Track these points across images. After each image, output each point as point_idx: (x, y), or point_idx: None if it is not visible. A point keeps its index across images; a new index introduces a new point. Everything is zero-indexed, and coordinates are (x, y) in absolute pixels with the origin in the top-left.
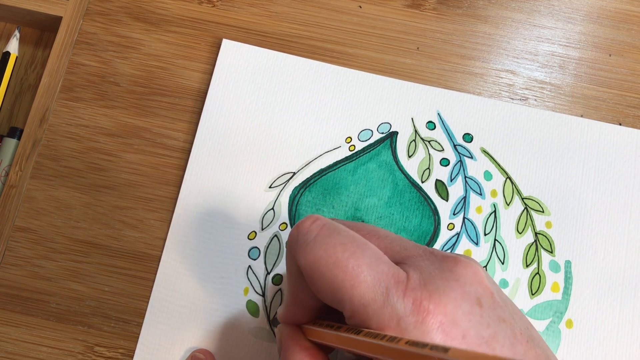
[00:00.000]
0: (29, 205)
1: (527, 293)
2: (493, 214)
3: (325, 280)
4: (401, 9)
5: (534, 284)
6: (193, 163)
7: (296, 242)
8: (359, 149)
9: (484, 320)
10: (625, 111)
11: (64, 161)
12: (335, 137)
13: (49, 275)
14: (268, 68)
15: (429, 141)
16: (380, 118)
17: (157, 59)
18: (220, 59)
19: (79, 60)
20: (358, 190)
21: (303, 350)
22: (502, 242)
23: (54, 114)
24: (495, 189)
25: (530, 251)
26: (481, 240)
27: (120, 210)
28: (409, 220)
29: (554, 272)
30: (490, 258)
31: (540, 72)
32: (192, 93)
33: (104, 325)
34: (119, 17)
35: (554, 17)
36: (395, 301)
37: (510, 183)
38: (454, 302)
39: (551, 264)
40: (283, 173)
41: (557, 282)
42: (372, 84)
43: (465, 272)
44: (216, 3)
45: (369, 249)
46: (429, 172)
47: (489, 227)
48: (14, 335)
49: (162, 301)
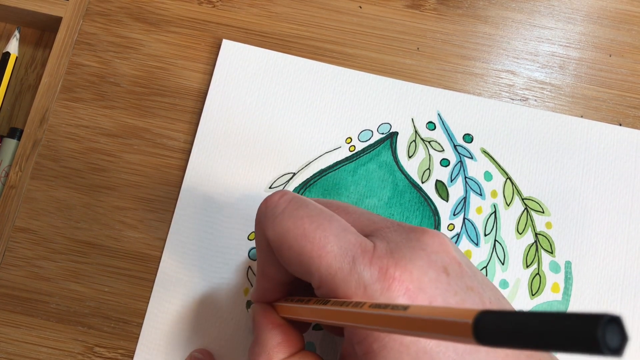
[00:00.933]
0: (29, 205)
1: (528, 293)
2: (493, 215)
3: (293, 252)
4: (401, 10)
5: (534, 285)
6: (193, 163)
7: (264, 215)
8: (359, 149)
9: (451, 287)
10: (625, 111)
11: (64, 161)
12: (336, 138)
13: (48, 276)
14: (268, 68)
15: (429, 141)
16: (380, 118)
17: (157, 60)
18: (220, 59)
19: (79, 61)
20: (358, 191)
21: (275, 328)
22: (502, 243)
23: (54, 115)
24: (495, 189)
25: (530, 252)
26: (481, 240)
27: (120, 211)
28: (409, 221)
29: (554, 273)
30: (490, 259)
31: (540, 73)
32: (192, 93)
33: (104, 326)
34: (119, 17)
35: (554, 18)
36: (362, 270)
37: (511, 183)
38: (420, 269)
39: (551, 264)
40: (283, 173)
41: (557, 283)
42: (372, 84)
43: (432, 242)
44: (216, 3)
45: (336, 221)
46: (429, 173)
47: (489, 227)
48: (13, 336)
49: (162, 301)
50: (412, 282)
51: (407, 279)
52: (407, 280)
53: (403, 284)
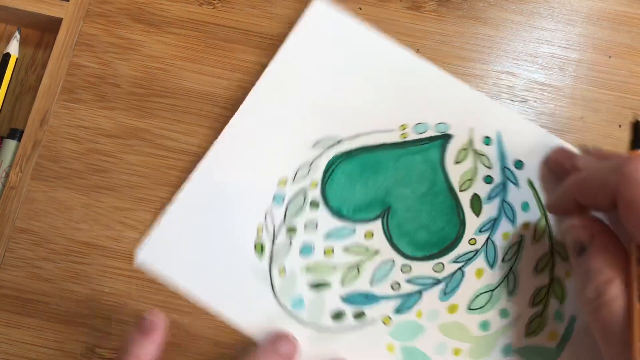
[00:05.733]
0: (29, 206)
1: (524, 331)
2: (517, 245)
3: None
4: (401, 11)
5: (533, 324)
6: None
7: (629, 176)
8: (410, 138)
9: None
10: (625, 113)
11: (64, 162)
12: (391, 121)
13: (49, 277)
14: (349, 37)
15: (481, 155)
16: (440, 117)
17: (157, 61)
18: (307, 17)
19: (79, 62)
20: (396, 177)
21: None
22: (517, 274)
23: (54, 116)
24: (529, 222)
25: (540, 292)
26: (497, 264)
27: (121, 212)
28: (434, 221)
29: (557, 321)
30: (499, 284)
31: (540, 74)
32: (193, 94)
33: (104, 327)
34: (120, 18)
35: (553, 19)
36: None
37: (545, 222)
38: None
39: (557, 312)
40: (330, 137)
41: (557, 332)
42: (443, 82)
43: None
44: (216, 5)
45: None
46: (470, 184)
47: (510, 255)
48: (14, 337)
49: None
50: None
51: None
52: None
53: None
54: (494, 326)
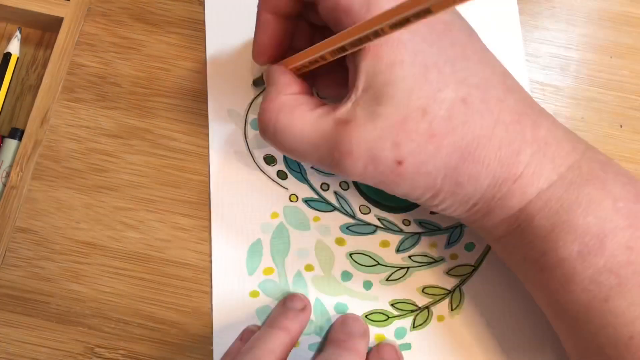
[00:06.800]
0: (30, 206)
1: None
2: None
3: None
4: None
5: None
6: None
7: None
8: None
9: None
10: (626, 113)
11: (65, 162)
12: None
13: (49, 276)
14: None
15: None
16: None
17: (158, 60)
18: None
19: (80, 61)
20: None
21: (286, 72)
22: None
23: (55, 115)
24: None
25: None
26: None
27: (121, 211)
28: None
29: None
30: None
31: (541, 74)
32: (193, 94)
33: (105, 327)
34: (120, 18)
35: (555, 19)
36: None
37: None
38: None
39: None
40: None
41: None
42: None
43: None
44: None
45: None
46: None
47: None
48: (14, 336)
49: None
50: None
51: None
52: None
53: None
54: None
